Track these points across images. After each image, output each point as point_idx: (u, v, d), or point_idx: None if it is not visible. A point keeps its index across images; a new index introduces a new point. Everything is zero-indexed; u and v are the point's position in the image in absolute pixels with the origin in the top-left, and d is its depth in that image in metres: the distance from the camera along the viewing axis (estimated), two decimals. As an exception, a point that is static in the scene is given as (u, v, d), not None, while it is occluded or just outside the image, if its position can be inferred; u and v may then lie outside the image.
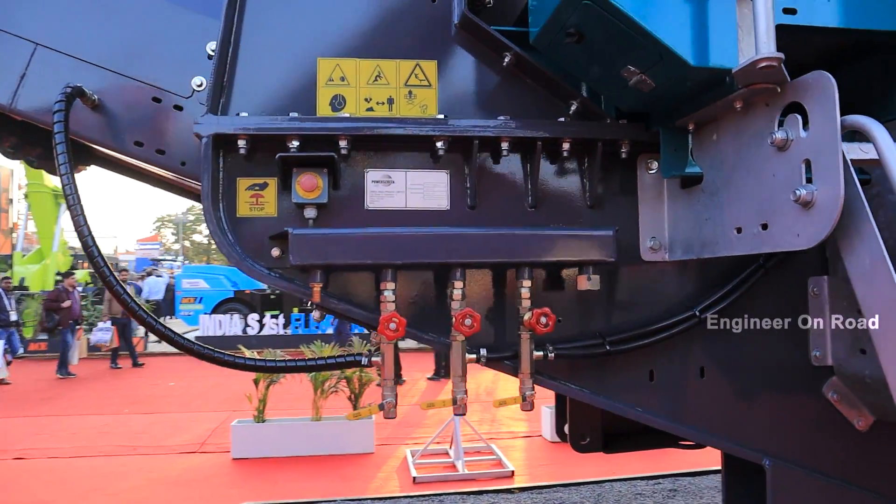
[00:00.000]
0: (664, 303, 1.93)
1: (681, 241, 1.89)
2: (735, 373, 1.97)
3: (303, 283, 1.70)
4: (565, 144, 1.80)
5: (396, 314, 1.57)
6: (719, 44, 1.45)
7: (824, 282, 1.97)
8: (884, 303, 1.33)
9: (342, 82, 1.78)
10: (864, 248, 1.36)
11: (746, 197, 1.59)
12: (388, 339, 1.59)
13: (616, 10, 1.39)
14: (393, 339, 1.60)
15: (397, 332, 1.56)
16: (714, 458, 5.25)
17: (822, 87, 1.35)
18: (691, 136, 1.80)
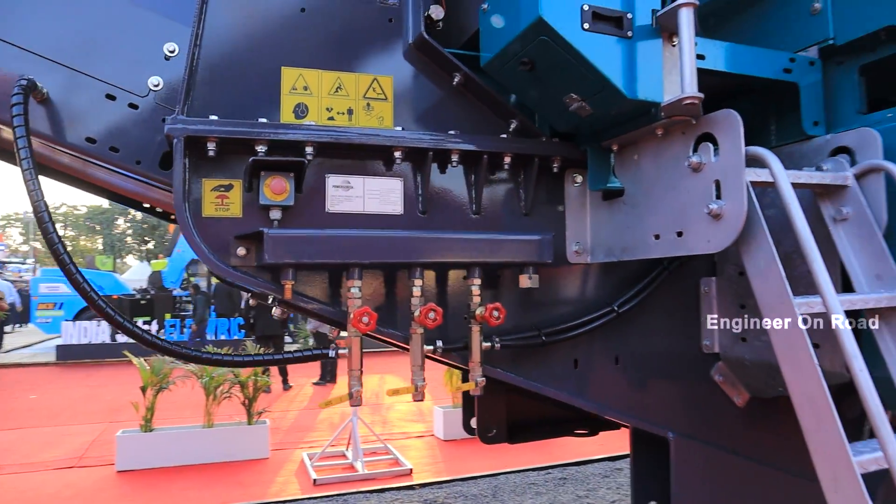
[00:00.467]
0: (588, 299, 2.19)
1: (602, 246, 2.15)
2: (643, 360, 2.27)
3: (267, 281, 1.78)
4: (507, 158, 2.01)
5: (368, 309, 1.70)
6: (648, 81, 1.72)
7: (713, 282, 2.33)
8: (774, 296, 1.64)
9: (305, 91, 1.88)
10: (760, 252, 1.67)
11: (664, 209, 1.87)
12: (361, 332, 1.72)
13: (570, 46, 1.62)
14: (364, 332, 1.73)
15: (369, 325, 1.69)
16: (598, 448, 5.73)
17: (730, 123, 1.65)
18: (614, 155, 2.07)
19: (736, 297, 2.27)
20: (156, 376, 5.97)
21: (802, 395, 1.55)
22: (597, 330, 2.15)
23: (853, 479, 1.42)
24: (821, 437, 1.50)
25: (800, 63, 2.11)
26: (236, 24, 1.84)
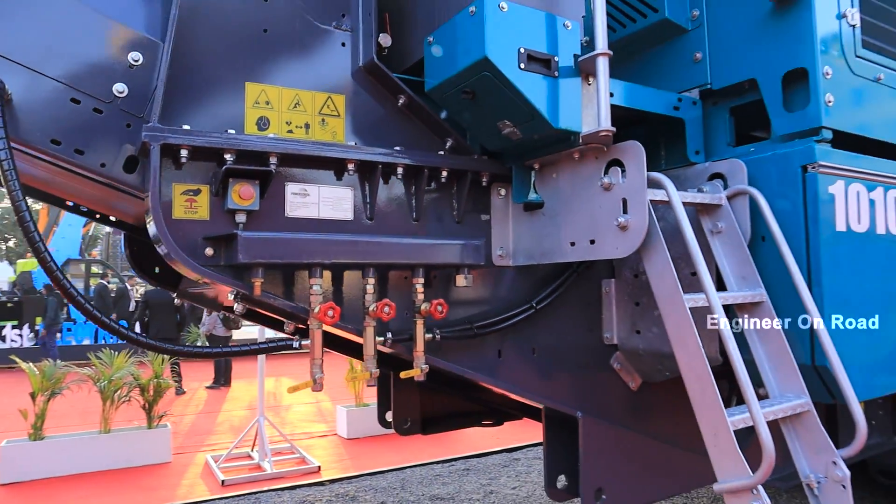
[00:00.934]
0: (511, 297, 2.50)
1: (523, 251, 2.47)
2: (556, 350, 2.60)
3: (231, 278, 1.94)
4: (444, 173, 2.28)
5: (333, 303, 1.92)
6: (570, 113, 2.05)
7: (612, 283, 2.71)
8: (668, 293, 2.02)
9: (267, 105, 2.07)
10: (658, 257, 2.04)
11: (579, 220, 2.21)
12: (327, 324, 1.93)
13: (508, 82, 1.92)
14: (330, 325, 1.94)
15: (333, 318, 1.91)
16: (496, 441, 6.10)
17: (635, 152, 2.02)
18: (535, 172, 2.40)
19: (631, 296, 2.66)
20: (47, 381, 5.73)
21: (691, 372, 1.93)
22: (518, 324, 2.47)
23: (728, 434, 1.81)
24: (704, 404, 1.89)
25: (685, 102, 2.55)
26: (206, 41, 1.99)
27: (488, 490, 5.07)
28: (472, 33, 1.92)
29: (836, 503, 1.95)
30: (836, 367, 2.06)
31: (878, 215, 2.46)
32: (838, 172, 2.30)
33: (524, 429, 6.61)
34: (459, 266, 2.26)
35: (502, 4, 1.91)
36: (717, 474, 1.86)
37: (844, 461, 1.97)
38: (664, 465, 2.78)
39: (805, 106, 2.31)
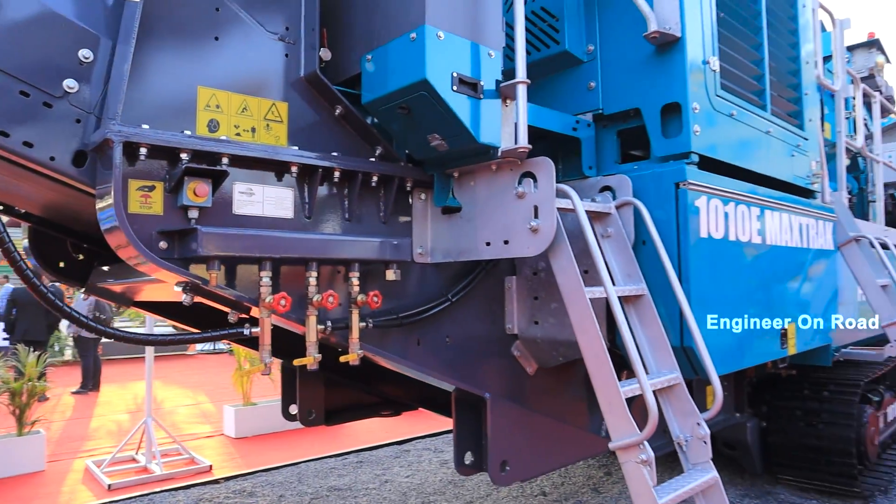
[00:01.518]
0: (431, 290, 2.77)
1: (441, 250, 2.76)
2: (467, 338, 2.90)
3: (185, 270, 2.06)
4: (374, 177, 2.52)
5: (285, 294, 2.10)
6: (491, 130, 2.36)
7: (513, 280, 3.07)
8: (572, 286, 2.38)
9: (217, 109, 2.21)
10: (563, 256, 2.40)
11: (494, 223, 2.53)
12: (279, 312, 2.11)
13: (442, 101, 2.20)
14: (281, 313, 2.12)
15: (286, 307, 2.09)
16: (386, 435, 6.35)
17: (546, 166, 2.36)
18: (454, 180, 2.70)
19: (531, 291, 3.03)
20: None
21: (590, 352, 2.30)
22: (436, 315, 2.75)
23: (621, 402, 2.20)
24: (601, 378, 2.26)
25: (581, 124, 2.96)
26: (162, 46, 2.10)
27: (383, 479, 5.30)
28: (413, 57, 2.18)
29: (699, 456, 2.41)
30: (701, 348, 2.53)
31: (730, 225, 2.99)
32: (702, 189, 2.79)
33: (413, 423, 6.92)
34: (385, 262, 2.51)
35: (439, 34, 2.19)
36: (612, 435, 2.25)
37: (706, 422, 2.43)
38: (557, 439, 3.17)
39: (678, 134, 2.79)
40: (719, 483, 2.39)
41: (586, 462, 5.71)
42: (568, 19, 3.04)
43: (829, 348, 4.27)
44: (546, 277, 2.92)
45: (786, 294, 3.52)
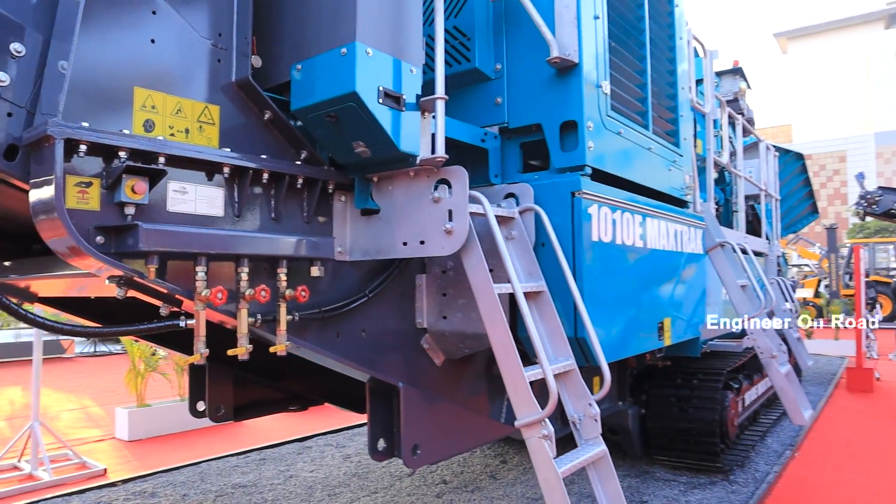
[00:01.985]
0: (350, 286, 2.96)
1: (359, 248, 2.95)
2: (381, 332, 3.11)
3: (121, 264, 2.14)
4: (300, 179, 2.69)
5: (222, 288, 2.22)
6: (411, 139, 2.59)
7: (423, 277, 3.31)
8: (482, 283, 2.65)
9: (153, 110, 2.30)
10: (474, 255, 2.67)
11: (411, 225, 2.76)
12: (216, 305, 2.23)
13: (369, 112, 2.40)
14: (218, 306, 2.24)
15: (222, 299, 2.22)
16: (287, 433, 6.39)
17: (461, 174, 2.62)
18: (373, 184, 2.90)
19: (439, 288, 3.28)
20: None
21: (498, 341, 2.58)
22: (354, 309, 2.94)
23: (525, 385, 2.49)
24: (508, 364, 2.54)
25: (489, 136, 3.25)
26: (101, 45, 2.17)
27: (288, 475, 5.38)
28: (343, 70, 2.37)
29: (591, 432, 2.75)
30: (593, 339, 2.87)
31: (617, 230, 3.38)
32: (594, 198, 3.15)
33: (313, 420, 7.01)
34: (310, 259, 2.68)
35: (368, 50, 2.39)
36: (518, 415, 2.53)
37: (597, 402, 2.77)
38: (462, 424, 3.43)
39: (575, 148, 3.13)
40: (607, 455, 2.74)
41: (482, 451, 6.05)
42: (478, 39, 3.33)
43: (698, 341, 4.83)
44: (454, 276, 3.18)
45: (663, 292, 3.99)
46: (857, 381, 9.37)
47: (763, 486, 4.93)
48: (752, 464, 5.62)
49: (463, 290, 3.12)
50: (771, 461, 5.71)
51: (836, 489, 5.02)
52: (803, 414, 4.80)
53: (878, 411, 8.05)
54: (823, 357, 12.67)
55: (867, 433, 6.86)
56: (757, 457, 5.84)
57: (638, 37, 3.83)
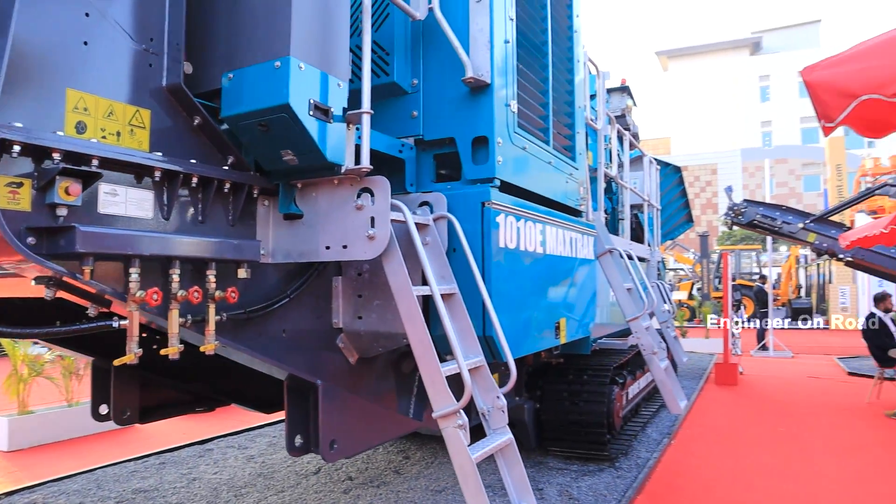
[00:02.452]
0: (272, 288, 3.07)
1: (282, 251, 3.07)
2: (300, 331, 3.24)
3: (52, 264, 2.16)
4: (227, 184, 2.78)
5: (158, 289, 2.29)
6: (338, 150, 2.75)
7: (340, 280, 3.47)
8: (401, 285, 2.85)
9: (85, 112, 2.32)
10: (395, 259, 2.86)
11: (334, 230, 2.92)
12: (151, 305, 2.29)
13: (300, 123, 2.54)
14: (153, 306, 2.30)
15: (157, 300, 2.28)
16: (183, 437, 6.29)
17: (383, 184, 2.81)
18: (297, 190, 3.03)
19: (355, 290, 3.44)
20: None
21: (416, 338, 2.79)
22: (276, 310, 3.06)
23: (441, 379, 2.71)
24: (425, 360, 2.76)
25: (405, 147, 3.45)
26: (34, 46, 2.18)
27: (191, 478, 5.33)
28: (277, 82, 2.50)
29: (499, 422, 3.02)
30: (500, 337, 3.14)
31: (521, 238, 3.68)
32: (502, 208, 3.43)
33: (213, 422, 6.93)
34: (234, 261, 2.77)
35: (301, 65, 2.53)
36: (434, 407, 2.75)
37: (504, 395, 3.04)
38: (375, 420, 3.61)
39: (485, 161, 3.40)
40: (514, 443, 3.01)
41: (386, 448, 6.24)
42: (396, 55, 3.53)
43: (588, 339, 5.26)
44: (369, 278, 3.36)
45: (559, 294, 4.35)
46: (724, 375, 10.35)
47: (645, 471, 5.43)
48: (634, 451, 6.15)
49: (378, 292, 3.31)
50: (651, 448, 6.26)
51: (707, 470, 5.62)
52: (679, 404, 5.34)
53: (742, 402, 8.95)
54: (696, 354, 13.81)
55: (732, 421, 7.64)
56: (639, 445, 6.39)
57: (542, 59, 4.17)
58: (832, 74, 2.07)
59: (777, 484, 5.27)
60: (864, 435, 7.00)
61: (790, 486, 5.20)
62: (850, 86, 1.97)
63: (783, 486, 5.22)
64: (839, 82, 2.01)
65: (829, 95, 2.04)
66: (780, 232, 11.82)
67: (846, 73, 2.02)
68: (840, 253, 10.78)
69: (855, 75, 1.99)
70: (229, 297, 2.64)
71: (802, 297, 26.13)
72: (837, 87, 2.01)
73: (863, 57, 2.03)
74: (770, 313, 15.26)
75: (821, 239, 11.11)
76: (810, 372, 11.75)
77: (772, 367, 12.37)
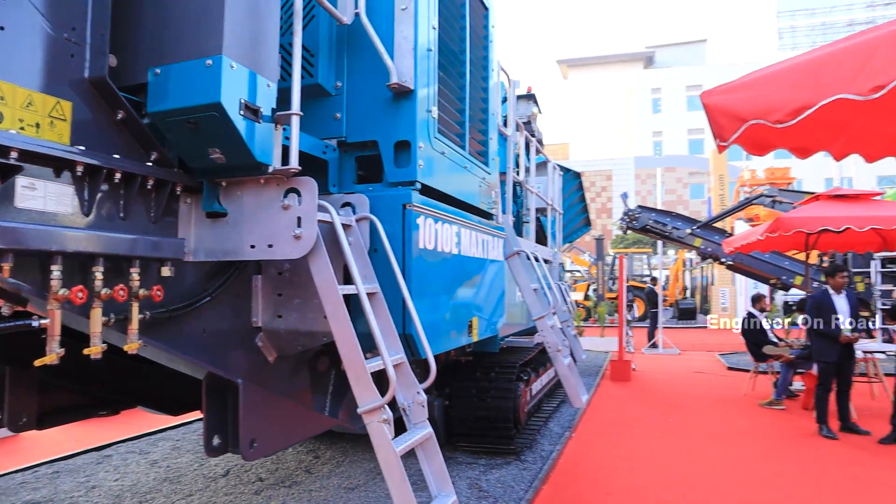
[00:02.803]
0: (193, 286, 3.04)
1: (204, 250, 3.05)
2: (220, 330, 3.22)
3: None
4: (151, 181, 2.74)
5: (83, 287, 2.23)
6: (266, 150, 2.78)
7: (259, 279, 3.47)
8: (327, 284, 2.91)
9: (2, 101, 2.23)
10: (321, 259, 2.92)
11: (260, 229, 2.94)
12: (76, 304, 2.23)
13: (231, 122, 2.56)
14: (78, 304, 2.24)
15: (82, 298, 2.23)
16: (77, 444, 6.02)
17: (310, 185, 2.86)
18: (221, 188, 3.02)
19: (275, 289, 3.46)
20: None
21: (342, 336, 2.86)
22: (198, 308, 3.03)
23: (366, 376, 2.80)
24: (351, 357, 2.84)
25: (329, 148, 3.50)
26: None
27: (89, 486, 5.10)
28: (208, 81, 2.50)
29: (419, 417, 3.13)
30: (421, 335, 3.26)
31: (438, 239, 3.81)
32: (422, 210, 3.55)
33: (109, 428, 6.64)
34: (158, 259, 2.74)
35: (233, 64, 2.55)
36: (359, 402, 2.83)
37: (424, 391, 3.17)
38: (294, 418, 3.64)
39: (407, 165, 3.51)
40: (433, 436, 3.14)
41: (295, 448, 6.21)
42: (321, 57, 3.58)
43: (497, 338, 5.48)
44: (290, 277, 3.39)
45: (472, 294, 4.52)
46: (619, 372, 10.96)
47: (549, 463, 5.71)
48: (538, 445, 6.44)
49: (299, 291, 3.34)
50: (553, 441, 6.58)
51: (605, 460, 5.98)
52: (582, 399, 5.66)
53: (635, 396, 9.53)
54: (592, 352, 14.51)
55: (626, 414, 8.14)
56: (542, 438, 6.69)
57: (460, 67, 4.33)
58: (727, 100, 2.35)
59: (667, 469, 5.70)
60: (741, 423, 7.66)
61: (679, 471, 5.65)
62: (740, 111, 2.25)
63: (673, 470, 5.66)
64: (732, 107, 2.28)
65: (724, 118, 2.31)
66: (670, 237, 12.66)
67: (738, 100, 2.29)
68: (723, 257, 11.72)
69: (745, 102, 2.26)
70: (155, 295, 2.61)
71: (688, 298, 27.97)
72: (731, 111, 2.29)
73: (752, 86, 2.31)
74: (660, 313, 16.26)
75: (706, 244, 12.00)
76: (695, 367, 12.65)
77: (661, 364, 13.21)
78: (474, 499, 4.79)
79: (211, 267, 3.16)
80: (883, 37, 1.91)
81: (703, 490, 5.14)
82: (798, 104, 1.99)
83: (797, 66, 2.18)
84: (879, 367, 9.01)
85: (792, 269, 12.10)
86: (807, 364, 8.20)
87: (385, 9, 3.58)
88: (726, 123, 2.28)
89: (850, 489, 5.21)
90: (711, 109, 2.38)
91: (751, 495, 5.02)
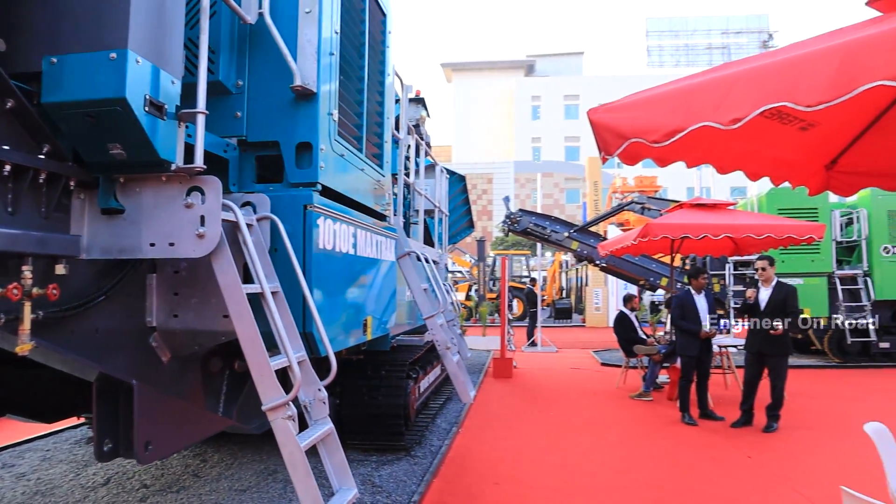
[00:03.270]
0: (85, 285, 2.94)
1: (99, 247, 2.95)
2: (114, 330, 3.13)
3: None
4: (43, 174, 2.64)
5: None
6: (170, 147, 2.76)
7: (154, 277, 3.40)
8: (231, 284, 2.92)
9: None
10: (224, 258, 2.93)
11: (161, 227, 2.90)
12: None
13: (134, 118, 2.52)
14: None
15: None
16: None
17: (214, 183, 2.87)
18: (118, 184, 2.95)
19: (171, 288, 3.41)
20: None
21: (245, 335, 2.88)
22: (91, 308, 2.94)
23: (270, 373, 2.84)
24: (254, 355, 2.87)
25: (230, 147, 3.49)
26: None
27: None
28: (111, 75, 2.45)
29: (320, 413, 3.21)
30: (322, 333, 3.34)
31: (337, 239, 3.90)
32: (322, 211, 3.62)
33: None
34: (52, 256, 2.65)
35: (138, 59, 2.52)
36: (263, 400, 2.87)
37: (325, 388, 3.24)
38: (188, 418, 3.59)
39: (309, 166, 3.57)
40: (334, 432, 3.23)
41: (181, 453, 6.02)
42: (222, 54, 3.56)
43: (388, 336, 5.61)
44: (187, 276, 3.36)
45: (367, 293, 4.63)
46: (501, 369, 11.41)
47: (438, 457, 5.92)
48: (427, 440, 6.63)
49: (196, 290, 3.32)
50: (442, 436, 6.80)
51: (491, 452, 6.27)
52: (470, 394, 5.92)
53: (516, 392, 9.98)
54: (475, 350, 14.96)
55: (509, 409, 8.53)
56: (430, 434, 6.89)
57: (359, 72, 4.42)
58: (611, 118, 2.63)
59: (548, 458, 6.08)
60: (615, 414, 8.27)
61: (559, 459, 6.04)
62: (623, 129, 2.53)
63: (553, 459, 6.04)
64: (616, 125, 2.56)
65: (609, 135, 2.59)
66: (549, 239, 13.34)
67: (621, 119, 2.58)
68: (597, 259, 12.51)
69: (627, 121, 2.55)
70: (50, 294, 2.52)
71: (564, 298, 29.42)
72: (614, 129, 2.57)
73: (632, 108, 2.62)
74: (539, 313, 17.04)
75: (582, 247, 12.75)
76: (572, 364, 13.40)
77: (540, 361, 13.88)
78: (368, 494, 4.89)
79: (105, 265, 3.07)
80: (740, 74, 2.25)
81: (582, 475, 5.55)
82: (672, 127, 2.29)
83: (671, 92, 2.50)
84: (732, 360, 10.00)
85: (658, 272, 13.16)
86: (672, 358, 8.96)
87: (289, 11, 3.61)
88: (610, 139, 2.55)
89: (707, 468, 5.81)
90: (597, 125, 2.65)
91: (624, 477, 5.48)
